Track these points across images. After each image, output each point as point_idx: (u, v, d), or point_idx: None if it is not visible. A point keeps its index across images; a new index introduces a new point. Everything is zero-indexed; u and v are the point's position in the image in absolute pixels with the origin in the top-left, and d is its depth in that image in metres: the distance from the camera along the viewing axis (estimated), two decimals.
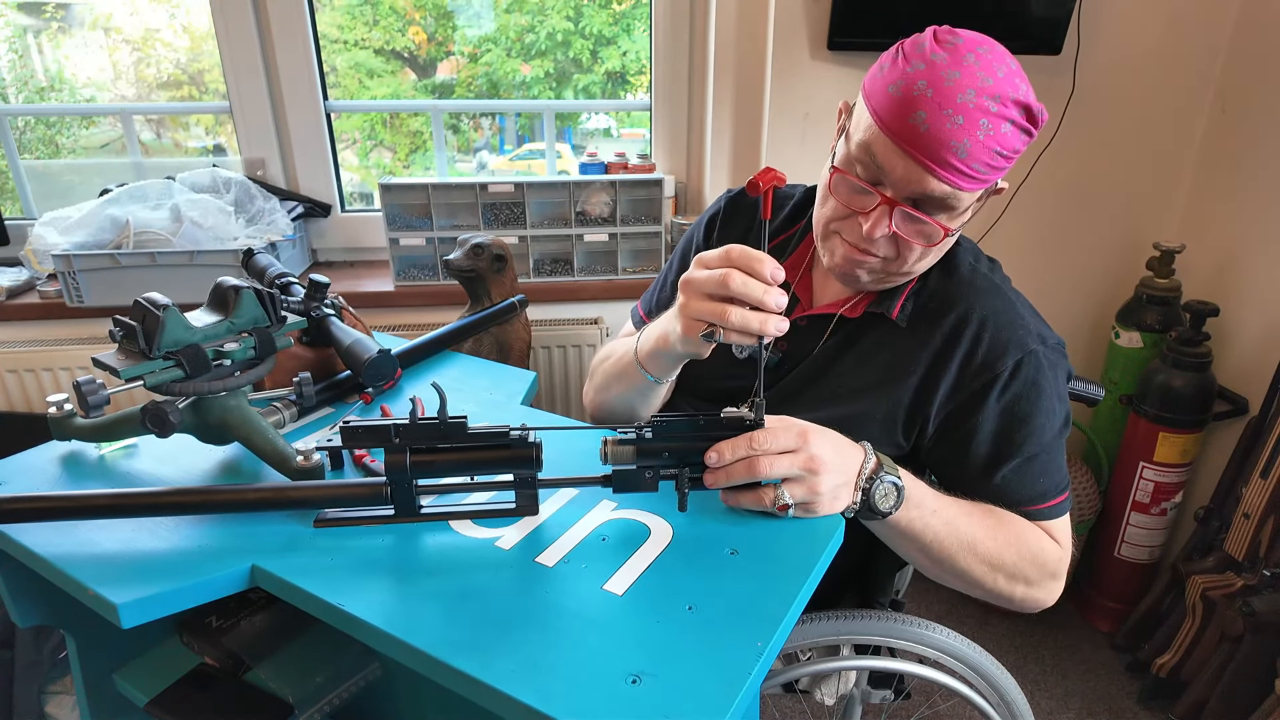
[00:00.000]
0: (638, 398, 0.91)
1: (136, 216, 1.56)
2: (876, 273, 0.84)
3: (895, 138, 0.73)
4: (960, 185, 0.74)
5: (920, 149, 0.72)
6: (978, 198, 0.78)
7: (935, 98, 0.71)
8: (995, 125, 0.71)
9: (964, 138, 0.71)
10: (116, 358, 0.69)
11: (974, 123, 0.70)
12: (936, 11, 0.80)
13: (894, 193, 0.76)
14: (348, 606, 0.58)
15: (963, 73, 0.71)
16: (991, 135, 0.71)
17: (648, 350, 0.82)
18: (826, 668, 0.96)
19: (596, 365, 1.02)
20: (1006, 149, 0.73)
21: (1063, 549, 0.84)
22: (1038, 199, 1.86)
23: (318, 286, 0.95)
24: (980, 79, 0.71)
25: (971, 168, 0.72)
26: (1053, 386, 0.83)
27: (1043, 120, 0.75)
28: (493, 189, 1.72)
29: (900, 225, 0.77)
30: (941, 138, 0.71)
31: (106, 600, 0.59)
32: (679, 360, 0.82)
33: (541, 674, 0.52)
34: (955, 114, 0.70)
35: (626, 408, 0.94)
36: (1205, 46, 1.78)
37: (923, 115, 0.71)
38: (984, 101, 0.70)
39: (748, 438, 0.66)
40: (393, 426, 0.63)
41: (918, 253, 0.80)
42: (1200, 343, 1.71)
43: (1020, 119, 0.73)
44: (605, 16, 2.01)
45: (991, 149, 0.72)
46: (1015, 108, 0.72)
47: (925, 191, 0.74)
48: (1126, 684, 1.81)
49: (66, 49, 1.96)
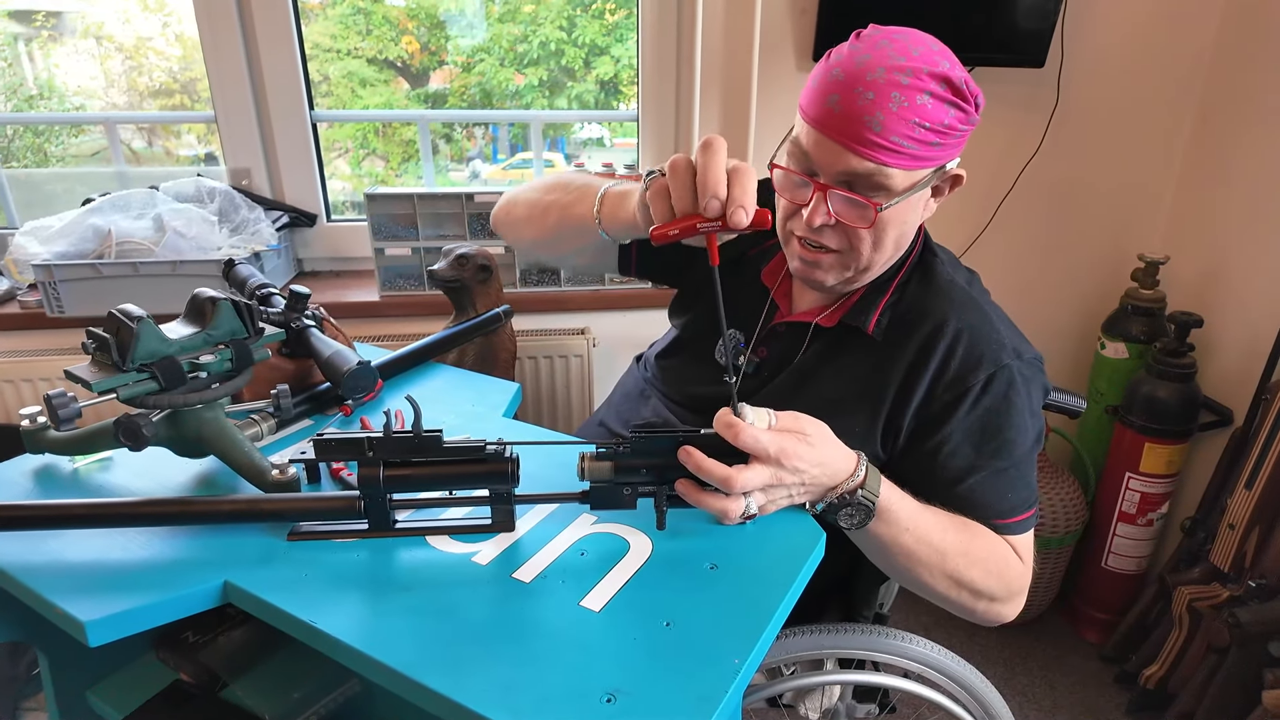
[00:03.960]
0: (573, 244, 0.94)
1: (119, 226, 1.55)
2: (835, 269, 0.85)
3: (814, 124, 0.77)
4: (884, 160, 0.75)
5: (836, 129, 0.75)
6: (921, 179, 0.79)
7: (846, 80, 0.74)
8: (909, 97, 0.73)
9: (875, 111, 0.73)
10: (89, 370, 0.68)
11: (885, 96, 0.73)
12: (920, 24, 0.81)
13: (825, 178, 0.78)
14: (319, 623, 0.57)
15: (874, 55, 0.74)
16: (906, 107, 0.73)
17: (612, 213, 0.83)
18: (810, 682, 0.96)
19: (541, 186, 1.01)
20: (929, 121, 0.74)
21: (1025, 566, 0.84)
22: (1023, 210, 1.88)
23: (298, 297, 0.94)
24: (891, 57, 0.74)
25: (891, 140, 0.74)
26: (1025, 402, 0.83)
27: (973, 94, 0.77)
28: (479, 199, 1.71)
29: (838, 209, 0.79)
30: (854, 114, 0.74)
31: (73, 618, 0.58)
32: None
33: (515, 693, 0.51)
34: (865, 90, 0.73)
35: (552, 246, 0.98)
36: (1186, 59, 1.80)
37: (835, 98, 0.75)
38: (894, 76, 0.73)
39: (726, 478, 0.64)
40: (366, 440, 0.62)
41: (868, 241, 0.81)
42: (1184, 354, 1.72)
43: (940, 91, 0.74)
44: (598, 26, 2.01)
45: (908, 120, 0.73)
46: (932, 80, 0.74)
47: (850, 169, 0.76)
48: (1115, 695, 1.81)
49: (57, 57, 1.95)
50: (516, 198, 1.04)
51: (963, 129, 0.77)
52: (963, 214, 1.88)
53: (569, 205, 0.91)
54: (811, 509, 0.72)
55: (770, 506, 0.69)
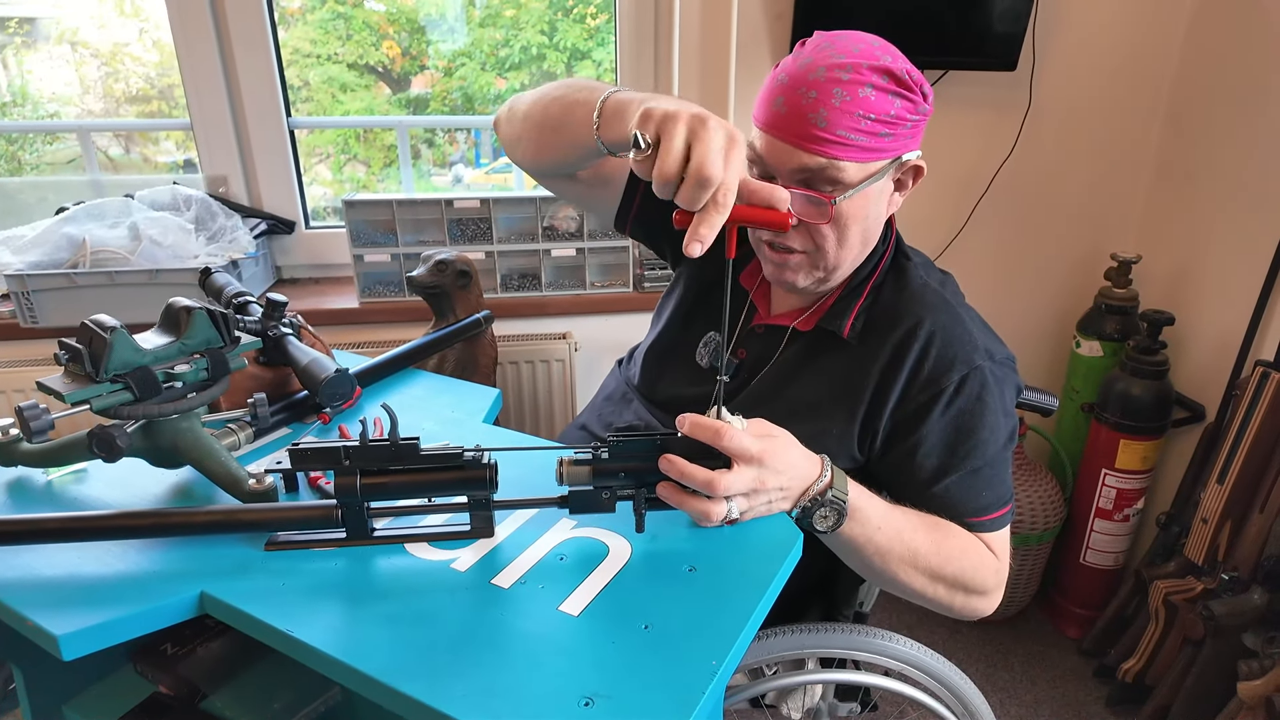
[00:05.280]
0: (571, 152, 0.88)
1: (94, 235, 1.53)
2: (804, 269, 0.86)
3: (765, 128, 0.80)
4: (834, 154, 0.77)
5: (784, 129, 0.78)
6: (876, 170, 0.81)
7: (790, 82, 0.77)
8: (850, 91, 0.76)
9: (819, 108, 0.76)
10: (62, 381, 0.67)
11: (827, 93, 0.76)
12: (893, 26, 0.82)
13: (781, 179, 0.81)
14: (298, 633, 0.57)
15: (815, 56, 0.77)
16: (849, 101, 0.76)
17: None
18: (791, 682, 0.97)
19: (548, 86, 0.92)
20: (874, 113, 0.77)
21: (1000, 562, 0.86)
22: (998, 211, 1.90)
23: (275, 305, 0.94)
24: (831, 56, 0.77)
25: (838, 134, 0.76)
26: (998, 401, 0.84)
27: (918, 83, 0.79)
28: (459, 205, 1.71)
29: (798, 209, 0.80)
30: (799, 112, 0.77)
31: (47, 631, 0.57)
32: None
33: (493, 698, 0.51)
34: (808, 90, 0.76)
35: (552, 151, 0.91)
36: (1155, 61, 1.83)
37: (781, 100, 0.78)
38: (835, 74, 0.76)
39: (709, 482, 0.64)
40: (343, 449, 0.62)
41: (832, 238, 0.83)
42: (1157, 351, 1.75)
43: (882, 82, 0.77)
44: (579, 30, 2.02)
45: (853, 113, 0.76)
46: (873, 73, 0.76)
47: (802, 165, 0.78)
48: (1095, 689, 1.83)
49: (31, 63, 1.93)
50: (521, 96, 0.97)
51: (913, 119, 0.79)
52: (938, 216, 1.90)
53: (573, 105, 0.83)
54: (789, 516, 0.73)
55: (751, 513, 0.70)
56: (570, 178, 1.02)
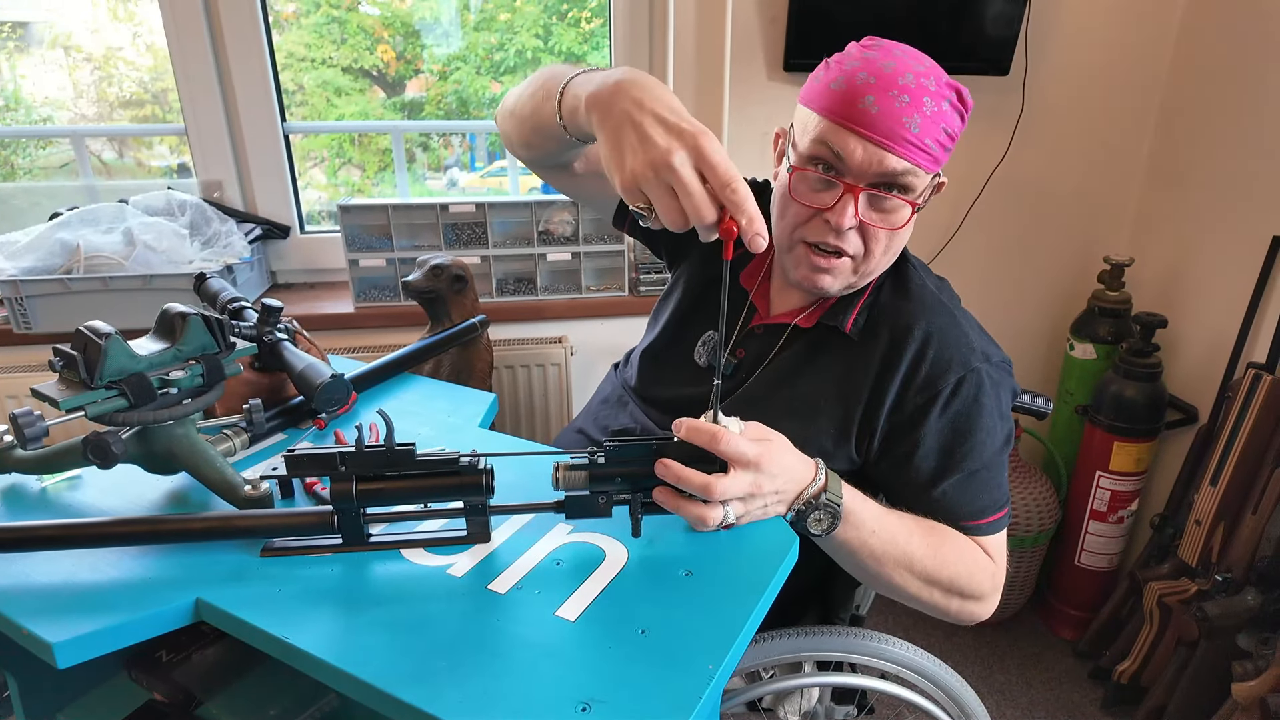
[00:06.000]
0: (547, 145, 0.87)
1: (88, 240, 1.53)
2: (845, 274, 0.86)
3: (850, 124, 0.78)
4: (918, 161, 0.78)
5: (876, 129, 0.77)
6: (928, 184, 0.83)
7: (879, 83, 0.77)
8: (938, 103, 0.77)
9: (914, 113, 0.76)
10: (56, 388, 0.67)
11: (919, 100, 0.76)
12: (889, 33, 0.83)
13: (855, 179, 0.80)
14: (294, 639, 0.57)
15: (896, 62, 0.78)
16: (937, 112, 0.77)
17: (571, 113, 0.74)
18: (788, 685, 0.97)
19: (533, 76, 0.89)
20: (950, 127, 0.79)
21: (997, 565, 0.86)
22: (992, 215, 1.91)
23: (270, 311, 0.94)
24: (913, 65, 0.78)
25: (924, 143, 0.78)
26: (994, 404, 0.85)
27: (970, 106, 0.81)
28: (454, 209, 1.71)
29: (866, 211, 0.81)
30: (894, 114, 0.76)
31: (41, 639, 0.57)
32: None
33: (490, 705, 0.51)
34: (900, 94, 0.76)
35: (540, 147, 0.90)
36: (1147, 66, 1.84)
37: (871, 99, 0.77)
38: (923, 82, 0.77)
39: (706, 486, 0.64)
40: (338, 454, 0.62)
41: (883, 243, 0.84)
42: (1150, 353, 1.76)
43: (955, 100, 0.79)
44: (575, 34, 2.02)
45: (939, 125, 0.78)
46: (949, 89, 0.79)
47: (886, 170, 0.78)
48: (1090, 691, 1.84)
49: (24, 68, 1.92)
50: (512, 91, 0.95)
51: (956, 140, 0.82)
52: (933, 220, 1.91)
53: (541, 101, 0.81)
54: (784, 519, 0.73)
55: (746, 518, 0.70)
56: (568, 172, 1.02)
